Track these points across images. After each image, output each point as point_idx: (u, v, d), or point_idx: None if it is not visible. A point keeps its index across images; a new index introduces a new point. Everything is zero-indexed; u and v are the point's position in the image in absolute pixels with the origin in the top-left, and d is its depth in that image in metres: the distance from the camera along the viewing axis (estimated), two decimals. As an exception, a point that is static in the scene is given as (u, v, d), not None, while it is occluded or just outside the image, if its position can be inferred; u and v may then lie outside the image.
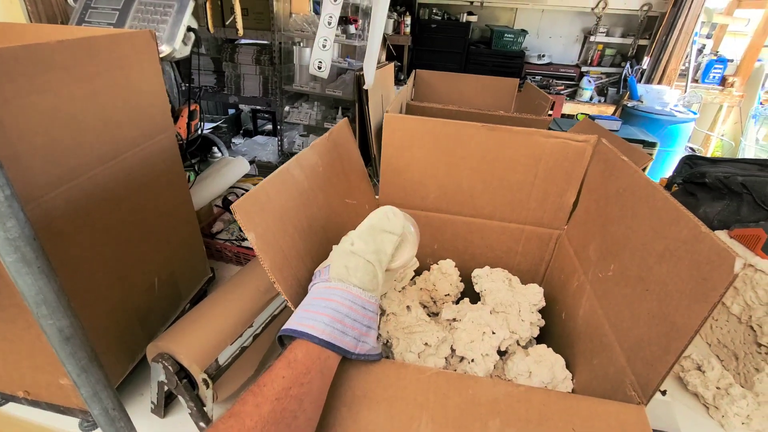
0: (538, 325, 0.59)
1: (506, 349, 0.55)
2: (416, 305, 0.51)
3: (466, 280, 0.68)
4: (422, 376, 0.39)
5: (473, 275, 0.65)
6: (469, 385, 0.38)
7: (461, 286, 0.68)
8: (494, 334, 0.52)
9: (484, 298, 0.61)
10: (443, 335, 0.48)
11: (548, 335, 0.62)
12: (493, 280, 0.62)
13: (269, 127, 3.47)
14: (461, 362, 0.52)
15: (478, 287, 0.63)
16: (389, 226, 0.43)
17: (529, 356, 0.54)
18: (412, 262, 0.67)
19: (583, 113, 2.95)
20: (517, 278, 0.65)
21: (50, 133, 0.49)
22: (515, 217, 0.66)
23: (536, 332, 0.58)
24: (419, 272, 0.71)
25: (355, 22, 2.46)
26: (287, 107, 2.82)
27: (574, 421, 0.36)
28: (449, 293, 0.65)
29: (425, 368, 0.40)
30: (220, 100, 3.04)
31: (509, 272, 0.66)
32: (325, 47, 1.04)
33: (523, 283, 0.64)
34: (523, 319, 0.57)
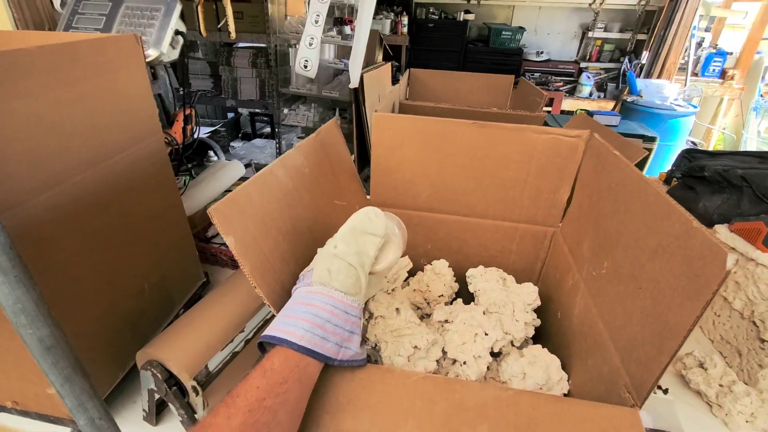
0: (533, 324, 0.58)
1: (500, 350, 0.54)
2: (406, 307, 0.50)
3: (461, 280, 0.67)
4: (408, 381, 0.38)
5: (467, 275, 0.64)
6: (456, 389, 0.37)
7: (455, 286, 0.67)
8: (487, 335, 0.51)
9: (477, 298, 0.60)
10: (433, 337, 0.47)
11: (544, 335, 0.61)
12: (486, 279, 0.61)
13: (268, 130, 3.47)
14: (453, 365, 0.51)
15: (472, 287, 0.62)
16: (371, 227, 0.42)
17: (523, 357, 0.52)
18: (401, 263, 0.66)
19: (582, 109, 2.93)
20: (512, 277, 0.64)
21: (34, 138, 0.48)
22: (509, 215, 0.65)
23: (531, 332, 0.57)
24: (413, 273, 0.70)
25: (350, 22, 2.45)
26: (285, 110, 2.82)
27: (565, 425, 0.35)
28: (443, 294, 0.64)
29: (412, 373, 0.39)
30: (217, 104, 3.04)
31: (504, 271, 0.65)
32: (311, 45, 1.03)
33: (518, 282, 0.63)
34: (517, 319, 0.55)
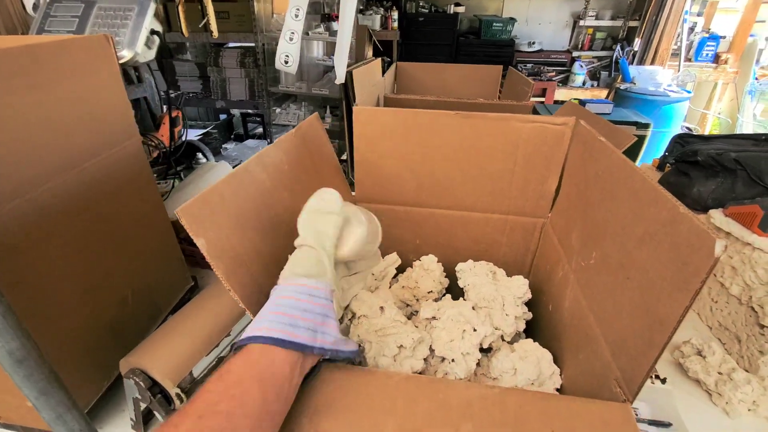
0: (524, 318, 0.57)
1: (490, 345, 0.52)
2: (390, 305, 0.48)
3: (452, 275, 0.65)
4: (390, 381, 0.36)
5: (457, 270, 0.63)
6: (440, 389, 0.36)
7: (445, 281, 0.65)
8: (475, 331, 0.49)
9: (467, 293, 0.58)
10: (419, 336, 0.46)
11: (536, 328, 0.60)
12: (476, 274, 0.59)
13: (260, 130, 3.44)
14: (442, 363, 0.49)
15: (461, 282, 0.61)
16: (325, 206, 0.41)
17: (514, 352, 0.51)
18: (388, 260, 0.64)
19: (575, 98, 2.91)
20: (502, 271, 0.62)
21: (-3, 146, 0.46)
22: (497, 207, 0.64)
23: (522, 326, 0.56)
24: (402, 269, 0.68)
25: (337, 18, 2.43)
26: (277, 109, 2.80)
27: (553, 422, 0.33)
28: (432, 290, 0.62)
29: (394, 374, 0.37)
30: (206, 105, 3.02)
31: (495, 264, 0.64)
32: (292, 40, 1.01)
33: (509, 275, 0.61)
34: (507, 313, 0.54)
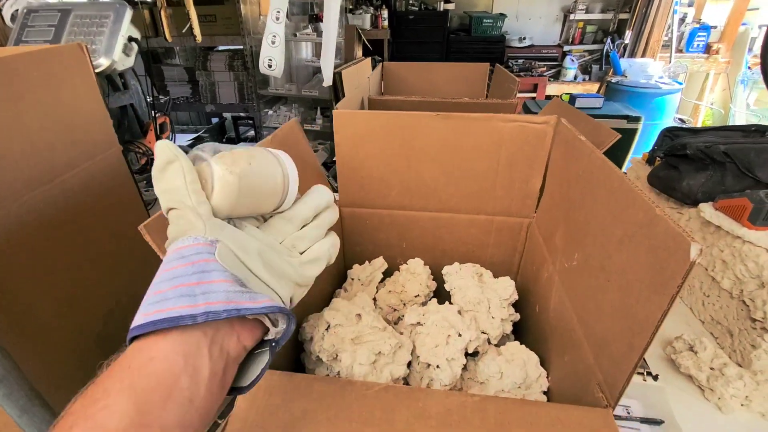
0: (511, 320, 0.56)
1: (476, 349, 0.52)
2: (368, 312, 0.47)
3: (439, 277, 0.64)
4: (369, 391, 0.36)
5: (443, 273, 0.62)
6: (419, 398, 0.35)
7: (433, 285, 0.65)
8: (460, 336, 0.49)
9: (453, 296, 0.57)
10: (397, 341, 0.45)
11: (524, 329, 0.59)
12: (462, 276, 0.59)
13: (252, 133, 3.42)
14: (427, 369, 0.49)
15: (447, 285, 0.60)
16: (161, 158, 0.31)
17: (500, 355, 0.50)
18: (375, 264, 0.63)
19: (567, 93, 2.91)
20: (489, 272, 0.62)
21: (-33, 162, 0.46)
22: (483, 207, 0.63)
23: (509, 328, 0.55)
24: (389, 273, 0.68)
25: (326, 19, 2.41)
26: (269, 111, 2.78)
27: (534, 430, 0.33)
28: (419, 294, 0.62)
29: (372, 384, 0.36)
30: (196, 109, 3.00)
31: (482, 266, 0.63)
32: (274, 44, 1.00)
33: (497, 276, 0.61)
34: (493, 316, 0.53)
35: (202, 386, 0.25)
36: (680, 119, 3.26)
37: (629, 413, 0.58)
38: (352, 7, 3.42)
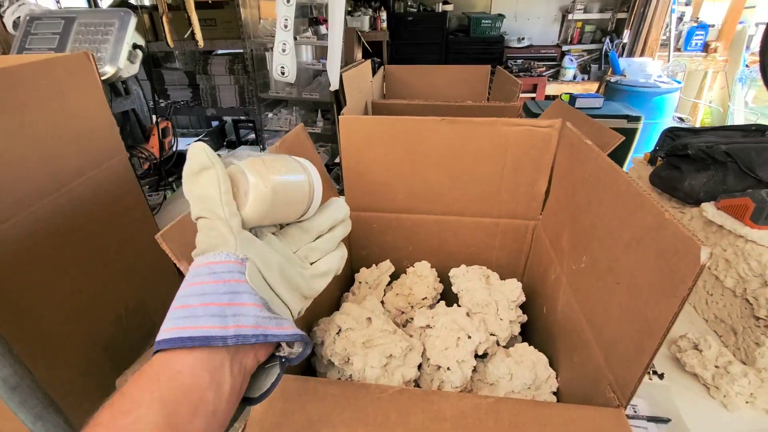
0: (519, 322, 0.57)
1: (486, 351, 0.52)
2: (378, 315, 0.48)
3: (446, 280, 0.65)
4: (384, 395, 0.36)
5: (450, 275, 0.63)
6: (433, 400, 0.35)
7: (440, 287, 0.65)
8: (470, 338, 0.49)
9: (460, 299, 0.58)
10: (407, 344, 0.45)
11: (532, 331, 0.59)
12: (469, 279, 0.59)
13: (253, 136, 3.43)
14: (438, 371, 0.49)
15: (455, 288, 0.61)
16: (195, 164, 0.30)
17: (510, 357, 0.51)
18: (382, 267, 0.63)
19: (567, 93, 2.91)
20: (496, 274, 0.62)
21: (-23, 171, 0.46)
22: (488, 211, 0.63)
23: (517, 330, 0.56)
24: (396, 276, 0.68)
25: (325, 22, 2.42)
26: (269, 114, 2.79)
27: (547, 430, 0.33)
28: (427, 296, 0.62)
29: (386, 387, 0.37)
30: (197, 113, 3.00)
31: (488, 268, 0.63)
32: (285, 51, 1.01)
33: (503, 278, 0.61)
34: (501, 318, 0.54)
35: (224, 400, 0.26)
36: (679, 118, 3.26)
37: (636, 412, 0.59)
38: (350, 9, 3.43)
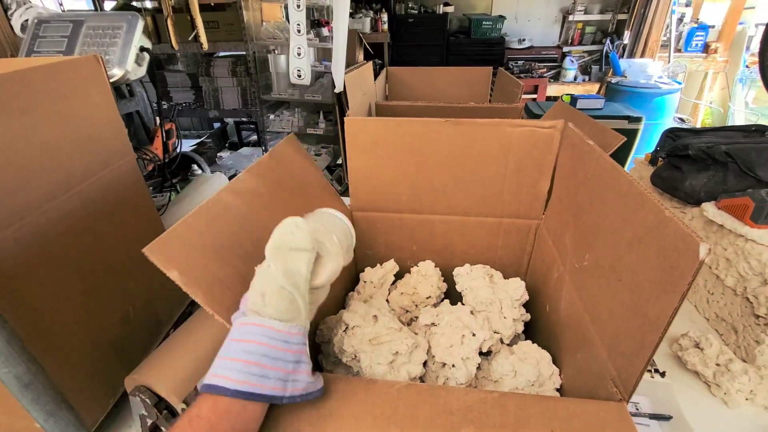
0: (522, 320, 0.58)
1: (489, 349, 0.53)
2: (384, 313, 0.49)
3: (449, 279, 0.66)
4: (391, 389, 0.37)
5: (454, 274, 0.63)
6: (440, 395, 0.36)
7: (444, 286, 0.66)
8: (474, 336, 0.50)
9: (464, 297, 0.59)
10: (413, 341, 0.46)
11: (535, 329, 0.60)
12: (473, 278, 0.60)
13: (255, 137, 3.44)
14: (443, 368, 0.50)
15: (459, 286, 0.62)
16: (295, 242, 0.36)
17: (513, 354, 0.52)
18: (387, 267, 0.65)
19: (568, 94, 2.92)
20: (499, 273, 0.63)
21: (-9, 173, 0.47)
22: (491, 210, 0.64)
23: (520, 328, 0.56)
24: (400, 276, 0.69)
25: (327, 24, 2.43)
26: (271, 115, 2.80)
27: (552, 424, 0.34)
28: (431, 295, 0.63)
29: (394, 382, 0.38)
30: (200, 115, 3.02)
31: (491, 267, 0.64)
32: (300, 55, 1.03)
33: (506, 277, 0.62)
34: (505, 316, 0.55)
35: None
36: (680, 118, 3.27)
37: (638, 409, 0.59)
38: (352, 11, 3.44)
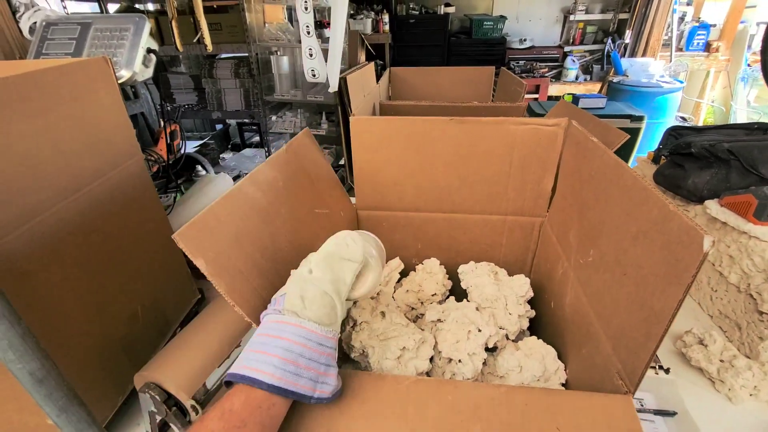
0: (527, 316, 0.58)
1: (495, 345, 0.53)
2: (391, 310, 0.49)
3: (454, 276, 0.66)
4: (400, 386, 0.38)
5: (459, 272, 0.64)
6: (448, 391, 0.37)
7: (449, 284, 0.67)
8: (480, 331, 0.50)
9: (470, 294, 0.59)
10: (420, 336, 0.47)
11: (540, 325, 0.61)
12: (478, 275, 0.61)
13: (257, 139, 3.46)
14: (449, 363, 0.50)
15: (464, 283, 0.62)
16: (348, 253, 0.39)
17: (519, 350, 0.52)
18: (392, 265, 0.65)
19: (569, 93, 2.93)
20: (504, 270, 0.64)
21: (3, 173, 0.48)
22: (495, 208, 0.65)
23: (525, 324, 0.57)
24: (405, 273, 0.70)
25: (329, 25, 2.45)
26: (273, 117, 2.81)
27: (558, 419, 0.34)
28: (436, 293, 0.64)
29: (403, 378, 0.38)
30: (203, 117, 3.03)
31: (496, 265, 0.65)
32: (312, 56, 1.04)
33: (510, 274, 0.63)
34: (510, 312, 0.55)
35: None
36: (682, 117, 3.27)
37: (643, 405, 0.60)
38: (353, 12, 3.45)
